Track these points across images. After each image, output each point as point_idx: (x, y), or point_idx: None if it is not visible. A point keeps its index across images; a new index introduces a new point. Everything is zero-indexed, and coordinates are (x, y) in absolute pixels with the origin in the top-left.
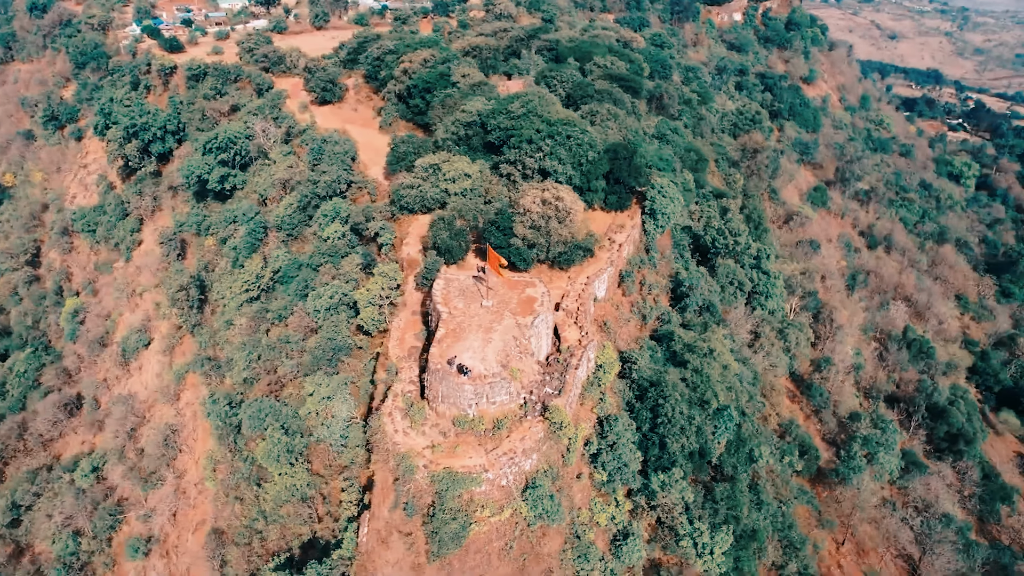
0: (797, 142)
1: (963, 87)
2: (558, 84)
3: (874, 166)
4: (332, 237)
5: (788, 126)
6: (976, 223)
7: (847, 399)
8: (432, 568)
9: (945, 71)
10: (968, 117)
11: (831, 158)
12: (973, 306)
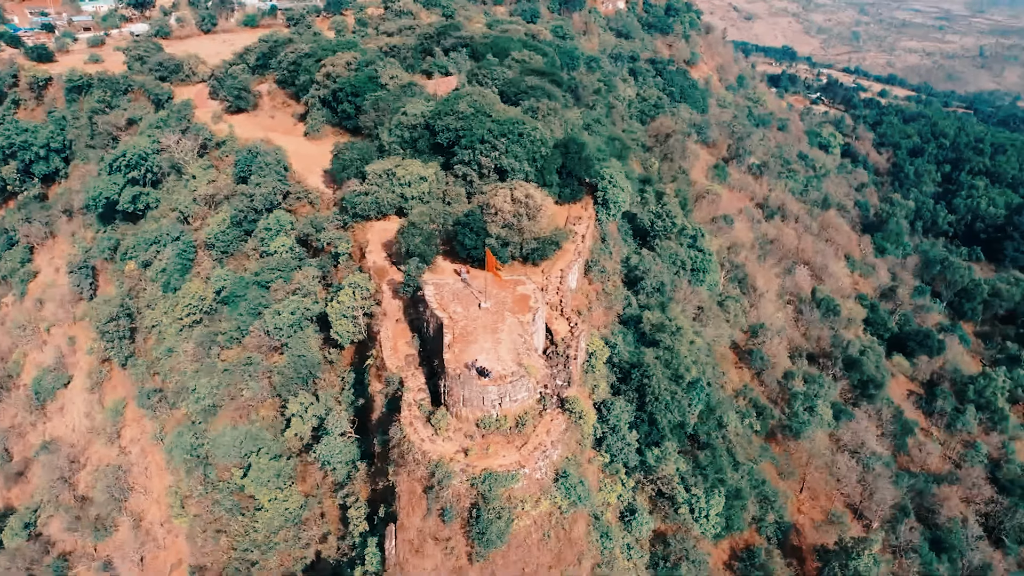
0: (691, 124)
1: (814, 63)
2: (490, 81)
3: (759, 141)
4: (280, 251)
5: (682, 108)
6: (847, 188)
7: (782, 360)
8: (475, 569)
9: (797, 49)
10: (824, 91)
11: (723, 137)
12: (858, 264)
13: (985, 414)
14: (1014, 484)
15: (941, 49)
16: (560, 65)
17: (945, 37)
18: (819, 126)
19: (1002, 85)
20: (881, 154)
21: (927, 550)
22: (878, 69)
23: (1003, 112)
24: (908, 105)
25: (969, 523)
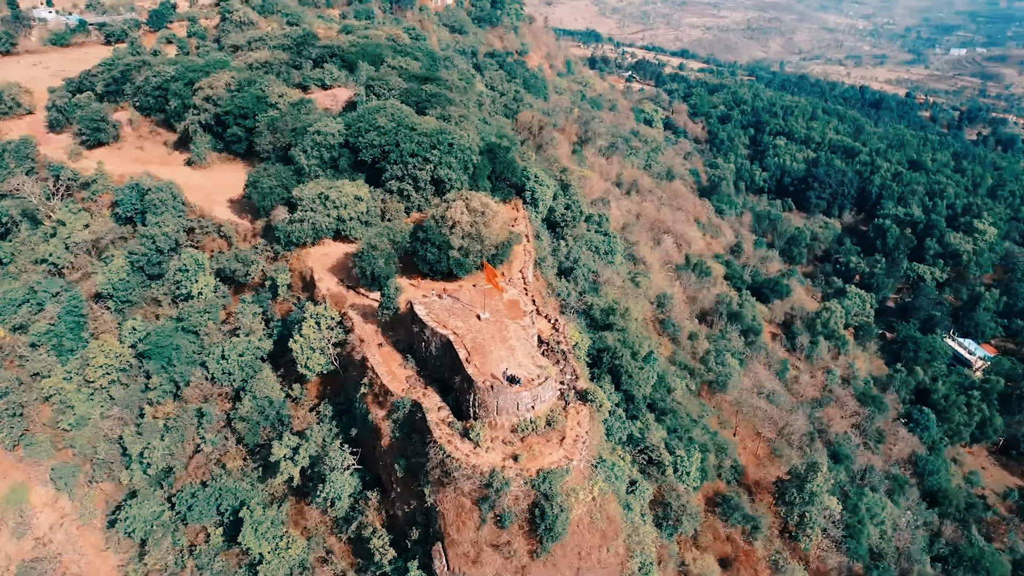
0: (541, 111)
1: (618, 43)
2: (387, 92)
3: (600, 123)
4: (204, 291)
5: (526, 97)
6: (677, 158)
7: (686, 324)
8: (537, 565)
9: (598, 30)
10: (635, 69)
11: (569, 122)
12: (707, 226)
13: (831, 342)
14: (865, 396)
15: (718, 24)
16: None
17: (720, 12)
18: (639, 103)
19: (768, 53)
20: (696, 123)
21: (832, 464)
22: (669, 44)
23: (779, 78)
24: (709, 78)
25: (850, 434)
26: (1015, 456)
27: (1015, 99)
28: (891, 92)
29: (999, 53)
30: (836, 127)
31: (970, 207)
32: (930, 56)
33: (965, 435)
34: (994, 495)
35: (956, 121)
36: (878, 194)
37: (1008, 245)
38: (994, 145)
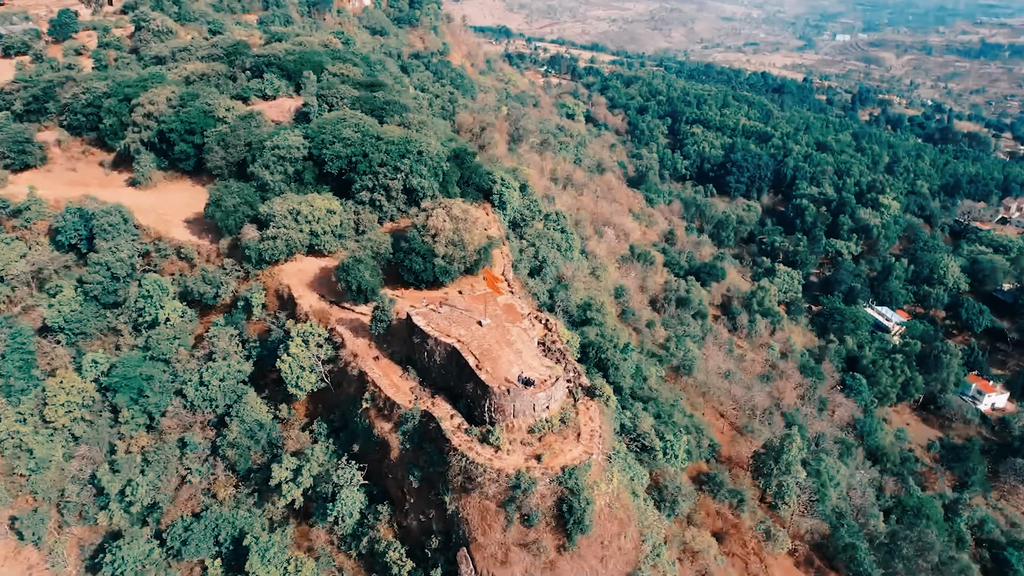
0: (471, 111)
1: (529, 38)
2: (339, 101)
3: (528, 120)
4: (171, 317)
5: (461, 99)
6: (602, 150)
7: (643, 313)
8: (565, 558)
9: (507, 25)
10: (551, 64)
11: (500, 120)
12: (641, 216)
13: (767, 319)
14: (805, 368)
15: (622, 16)
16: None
17: (624, 5)
18: (559, 97)
19: (672, 43)
20: (616, 115)
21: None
22: (577, 38)
23: (687, 67)
24: (621, 70)
25: (799, 405)
26: (933, 411)
27: (895, 80)
28: (789, 77)
29: (877, 38)
30: (747, 113)
31: (874, 184)
32: (818, 42)
33: (892, 396)
34: (920, 448)
35: (850, 103)
36: (792, 175)
37: (909, 217)
38: (884, 124)
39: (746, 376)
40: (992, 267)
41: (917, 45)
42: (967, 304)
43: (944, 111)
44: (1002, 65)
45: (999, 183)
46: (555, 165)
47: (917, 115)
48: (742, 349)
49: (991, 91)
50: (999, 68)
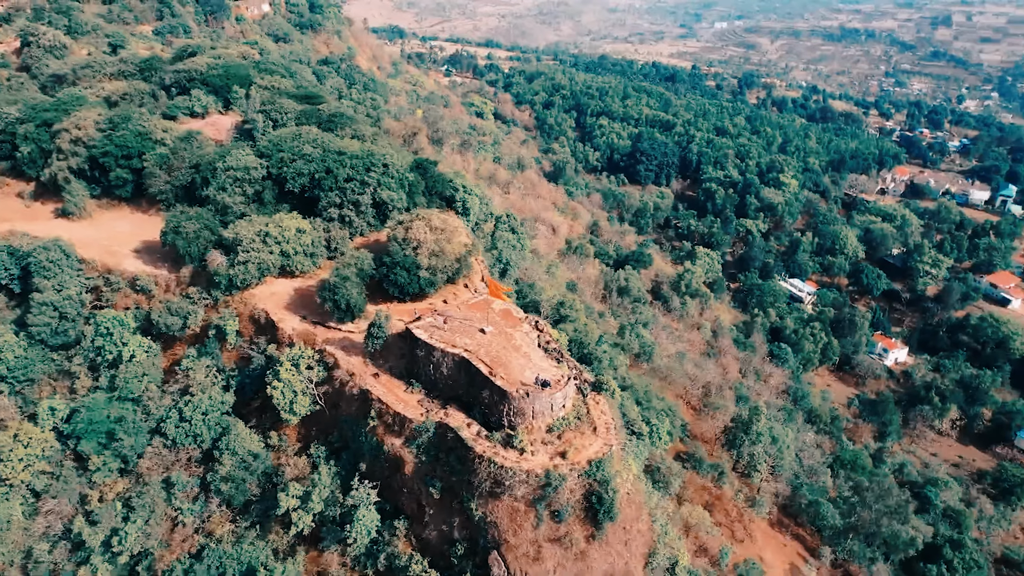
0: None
1: (424, 38)
2: (283, 116)
3: (445, 121)
4: (137, 353)
5: (380, 102)
6: (520, 148)
7: (595, 305)
8: (594, 547)
9: (398, 25)
10: (451, 63)
11: (418, 123)
12: (565, 210)
13: (696, 299)
14: (737, 341)
15: (511, 11)
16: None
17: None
18: (466, 96)
19: (561, 36)
20: (522, 111)
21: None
22: (469, 34)
23: (582, 60)
24: (519, 65)
25: (741, 379)
26: (848, 370)
27: (771, 64)
28: (679, 66)
29: (752, 25)
30: (648, 103)
31: (774, 164)
32: (699, 30)
33: (815, 361)
34: (842, 406)
35: (737, 88)
36: (697, 161)
37: (807, 194)
38: (771, 107)
39: (692, 356)
40: (883, 235)
41: (787, 31)
42: (866, 270)
43: (819, 92)
44: (860, 48)
45: (876, 157)
46: (478, 165)
47: (797, 97)
48: (678, 331)
49: (854, 71)
50: (858, 51)
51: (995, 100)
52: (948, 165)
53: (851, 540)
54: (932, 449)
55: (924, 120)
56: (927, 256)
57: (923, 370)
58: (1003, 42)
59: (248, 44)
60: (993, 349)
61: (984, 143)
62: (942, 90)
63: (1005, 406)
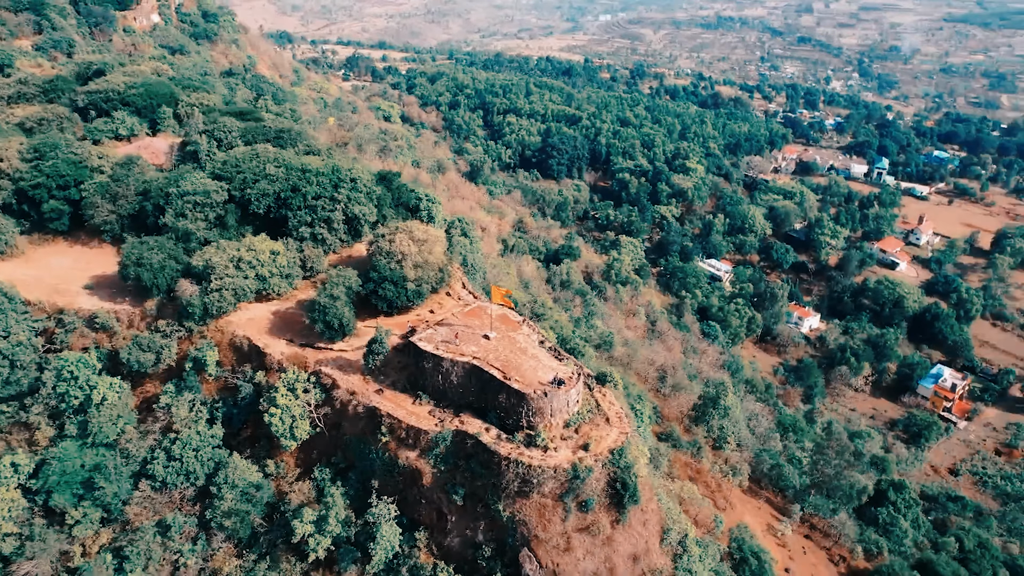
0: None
1: (314, 41)
2: (228, 135)
3: (359, 127)
4: (108, 395)
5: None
6: (436, 149)
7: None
8: (619, 532)
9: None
10: (347, 67)
11: (333, 130)
12: (490, 209)
13: (627, 286)
14: (674, 324)
15: (399, 11)
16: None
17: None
18: (369, 99)
19: (451, 35)
20: (429, 113)
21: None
22: (358, 36)
23: (479, 58)
24: (416, 66)
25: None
26: (769, 341)
27: (657, 54)
28: (572, 60)
29: (635, 16)
30: (551, 98)
31: (679, 151)
32: (585, 23)
33: (741, 335)
34: (769, 375)
35: (631, 79)
36: (606, 152)
37: (712, 178)
38: (664, 95)
39: (639, 341)
40: (786, 212)
41: (668, 21)
42: (775, 246)
43: (705, 79)
44: (736, 35)
45: (767, 138)
46: (400, 169)
47: (687, 84)
48: (614, 318)
49: (732, 57)
50: (735, 37)
51: (856, 80)
52: (828, 142)
53: (813, 496)
54: (851, 405)
55: (802, 101)
56: (827, 229)
57: (835, 334)
58: (857, 27)
59: (157, 59)
60: (891, 309)
61: (855, 121)
62: (811, 72)
63: (907, 359)
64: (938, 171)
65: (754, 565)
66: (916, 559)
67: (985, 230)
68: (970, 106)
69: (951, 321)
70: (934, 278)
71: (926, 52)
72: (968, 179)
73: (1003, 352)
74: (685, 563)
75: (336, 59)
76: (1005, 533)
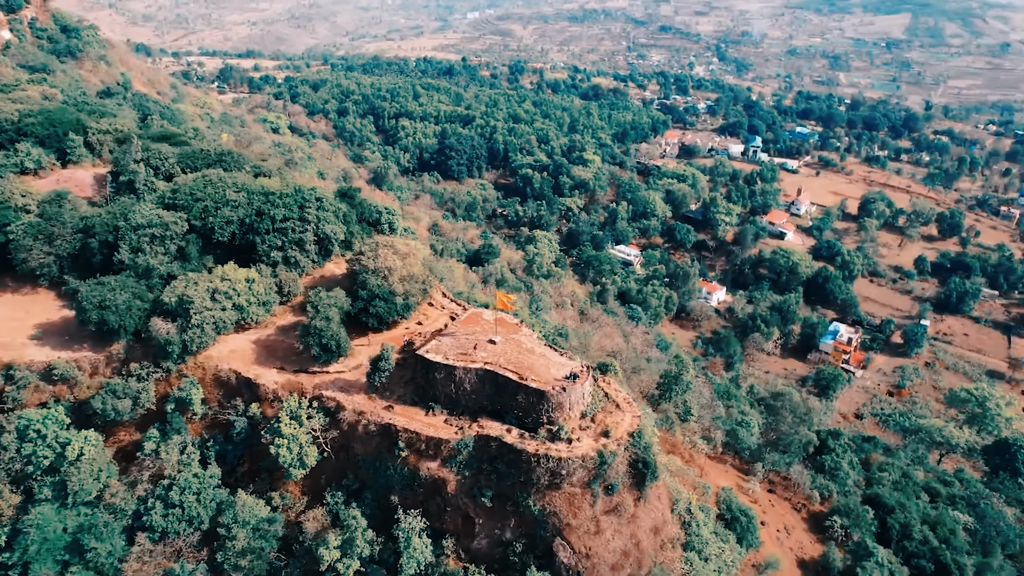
0: None
1: (175, 53)
2: (164, 163)
3: (258, 142)
4: (86, 450)
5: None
6: (335, 158)
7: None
8: (640, 508)
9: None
10: (220, 79)
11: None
12: (405, 215)
13: (549, 279)
14: (605, 311)
15: (261, 17)
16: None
17: (259, 5)
18: (252, 111)
19: (319, 39)
20: (318, 122)
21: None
22: (221, 45)
23: (356, 63)
24: (292, 74)
25: (626, 343)
26: (684, 317)
27: (529, 49)
28: (446, 58)
29: (503, 12)
30: (440, 99)
31: (574, 144)
32: (454, 21)
33: (661, 314)
34: (690, 348)
35: (511, 76)
36: (504, 150)
37: (608, 167)
38: (546, 89)
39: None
40: (683, 194)
41: (536, 16)
42: (677, 227)
43: (581, 71)
44: (602, 26)
45: (650, 125)
46: (308, 181)
47: (565, 78)
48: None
49: (601, 49)
50: (601, 29)
51: (717, 64)
52: (703, 125)
53: (769, 453)
54: (765, 367)
55: (674, 88)
56: (721, 207)
57: (741, 304)
58: (711, 15)
59: (40, 82)
60: (787, 276)
61: (725, 103)
62: (676, 59)
63: (807, 321)
64: (802, 146)
65: (744, 522)
66: (863, 494)
67: (851, 197)
68: (815, 84)
69: (839, 282)
70: (817, 244)
71: (773, 36)
72: (828, 151)
73: (882, 305)
74: (694, 528)
75: (205, 71)
76: (911, 463)
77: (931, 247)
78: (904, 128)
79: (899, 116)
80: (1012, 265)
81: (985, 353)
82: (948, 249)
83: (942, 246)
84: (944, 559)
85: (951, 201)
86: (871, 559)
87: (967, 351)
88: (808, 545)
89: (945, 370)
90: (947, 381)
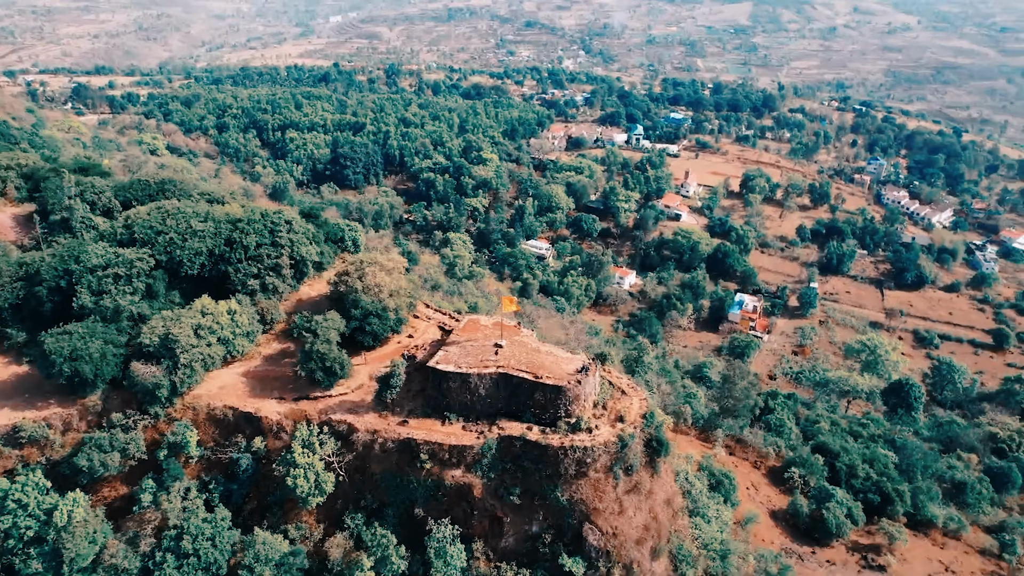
0: None
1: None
2: (100, 198)
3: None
4: (75, 513)
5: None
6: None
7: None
8: (656, 482)
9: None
10: (75, 98)
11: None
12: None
13: (472, 280)
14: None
15: (103, 29)
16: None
17: (99, 17)
18: (121, 133)
19: (173, 51)
20: (196, 139)
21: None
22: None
23: (224, 75)
24: (155, 90)
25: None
26: (602, 303)
27: (398, 51)
28: (317, 64)
29: (367, 15)
30: (324, 108)
31: (470, 144)
32: (316, 27)
33: (584, 302)
34: (612, 332)
35: (388, 80)
36: (400, 155)
37: (507, 165)
38: (426, 91)
39: None
40: (582, 186)
41: (401, 18)
42: (583, 218)
43: (457, 71)
44: (469, 24)
45: (536, 120)
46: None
47: (443, 79)
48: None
49: (470, 47)
50: (468, 27)
51: (584, 57)
52: (583, 117)
53: (724, 420)
54: (684, 342)
55: (550, 83)
56: (620, 195)
57: (652, 285)
58: (573, 9)
59: None
60: (689, 254)
61: (600, 95)
62: (544, 54)
63: (714, 294)
64: (678, 131)
65: (727, 483)
66: (812, 445)
67: (732, 176)
68: (677, 71)
69: (737, 256)
70: (711, 222)
71: (633, 27)
72: (702, 134)
73: (775, 273)
74: (695, 495)
75: (52, 91)
76: (825, 412)
77: (807, 216)
78: (764, 108)
79: (758, 97)
80: (875, 227)
81: (865, 307)
82: (821, 217)
83: (815, 214)
84: (886, 490)
85: (814, 173)
86: (832, 499)
87: (851, 307)
88: (774, 497)
89: (836, 326)
90: (839, 335)
